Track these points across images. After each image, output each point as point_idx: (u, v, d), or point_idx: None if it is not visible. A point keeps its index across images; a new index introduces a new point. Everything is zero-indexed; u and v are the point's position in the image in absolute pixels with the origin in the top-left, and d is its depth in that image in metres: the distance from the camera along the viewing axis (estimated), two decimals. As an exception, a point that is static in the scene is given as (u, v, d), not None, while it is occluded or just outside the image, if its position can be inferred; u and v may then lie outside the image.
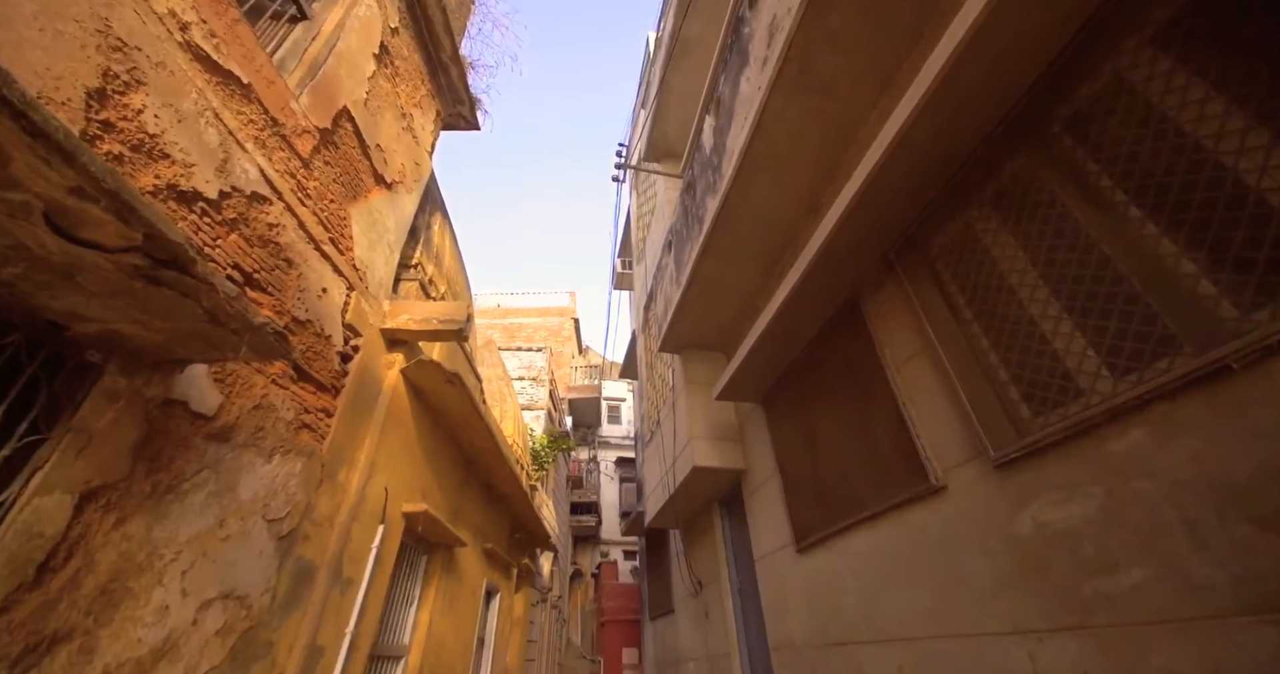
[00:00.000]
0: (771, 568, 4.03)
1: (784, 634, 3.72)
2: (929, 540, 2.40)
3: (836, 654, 3.06)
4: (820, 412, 3.49)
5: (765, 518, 4.25)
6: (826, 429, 3.39)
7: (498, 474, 5.29)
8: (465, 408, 3.79)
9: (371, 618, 2.96)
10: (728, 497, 5.41)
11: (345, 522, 2.71)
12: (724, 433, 4.93)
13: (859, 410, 3.06)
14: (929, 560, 2.39)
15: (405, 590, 3.81)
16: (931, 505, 2.40)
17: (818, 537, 3.36)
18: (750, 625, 4.71)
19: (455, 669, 4.50)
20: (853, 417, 3.12)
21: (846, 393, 3.20)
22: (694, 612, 5.94)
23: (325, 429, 2.64)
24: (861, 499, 2.93)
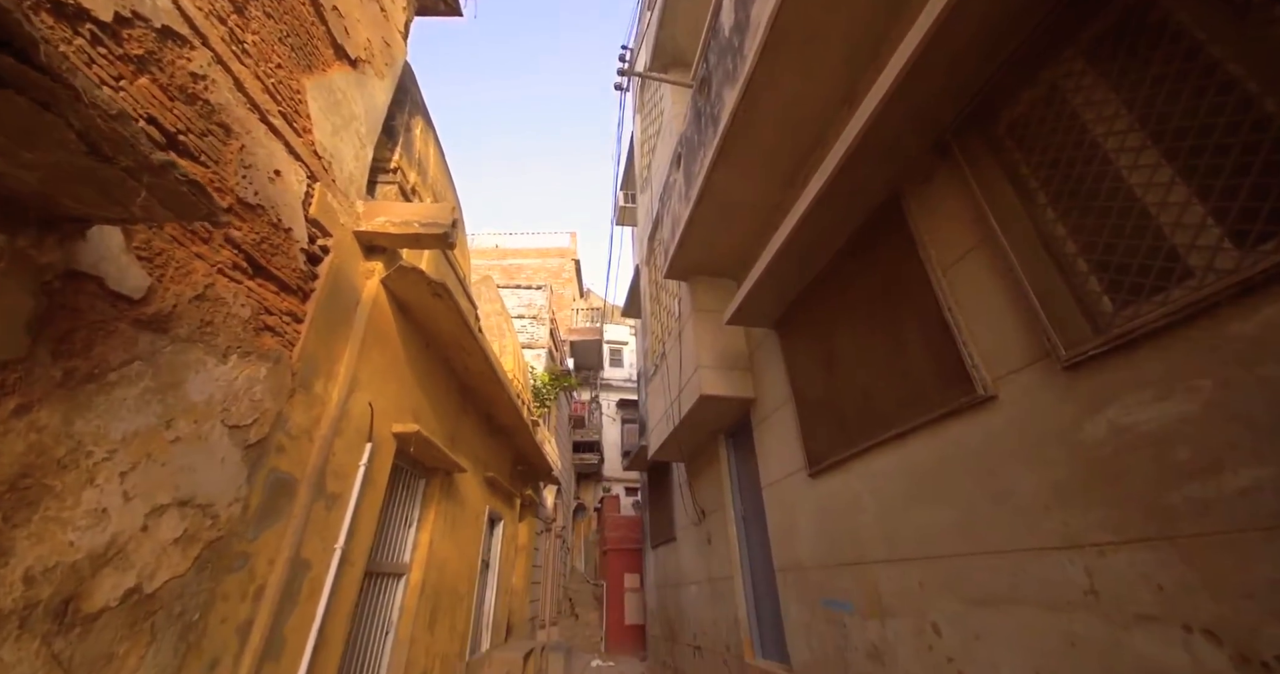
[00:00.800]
0: (780, 494, 3.92)
1: (791, 557, 3.65)
2: (966, 456, 2.18)
3: (847, 574, 2.96)
4: (843, 332, 3.19)
5: (775, 446, 4.08)
6: (849, 350, 3.11)
7: (496, 403, 5.12)
8: (456, 326, 3.50)
9: (364, 535, 2.83)
10: (733, 428, 5.27)
11: (326, 436, 2.49)
12: (733, 362, 4.68)
13: (889, 326, 2.75)
14: (964, 477, 2.18)
15: (404, 512, 3.72)
16: (974, 418, 2.15)
17: (833, 460, 3.17)
18: (754, 550, 4.70)
19: (460, 588, 4.54)
20: (881, 333, 2.82)
21: (875, 308, 2.89)
22: (696, 539, 6.01)
23: (294, 335, 2.35)
24: (886, 419, 2.69)
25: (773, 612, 4.19)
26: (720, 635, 4.99)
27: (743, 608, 4.58)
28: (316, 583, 2.37)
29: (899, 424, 2.58)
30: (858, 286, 3.05)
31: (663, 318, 6.77)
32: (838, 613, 3.04)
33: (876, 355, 2.84)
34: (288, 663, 2.17)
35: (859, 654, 2.82)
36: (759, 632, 4.42)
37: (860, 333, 3.01)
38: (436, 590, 3.97)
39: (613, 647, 10.42)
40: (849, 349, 3.11)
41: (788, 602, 3.65)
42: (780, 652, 3.96)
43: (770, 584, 4.27)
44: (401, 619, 3.51)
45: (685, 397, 5.00)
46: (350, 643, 2.92)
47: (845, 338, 3.16)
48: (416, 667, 3.56)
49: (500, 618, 6.06)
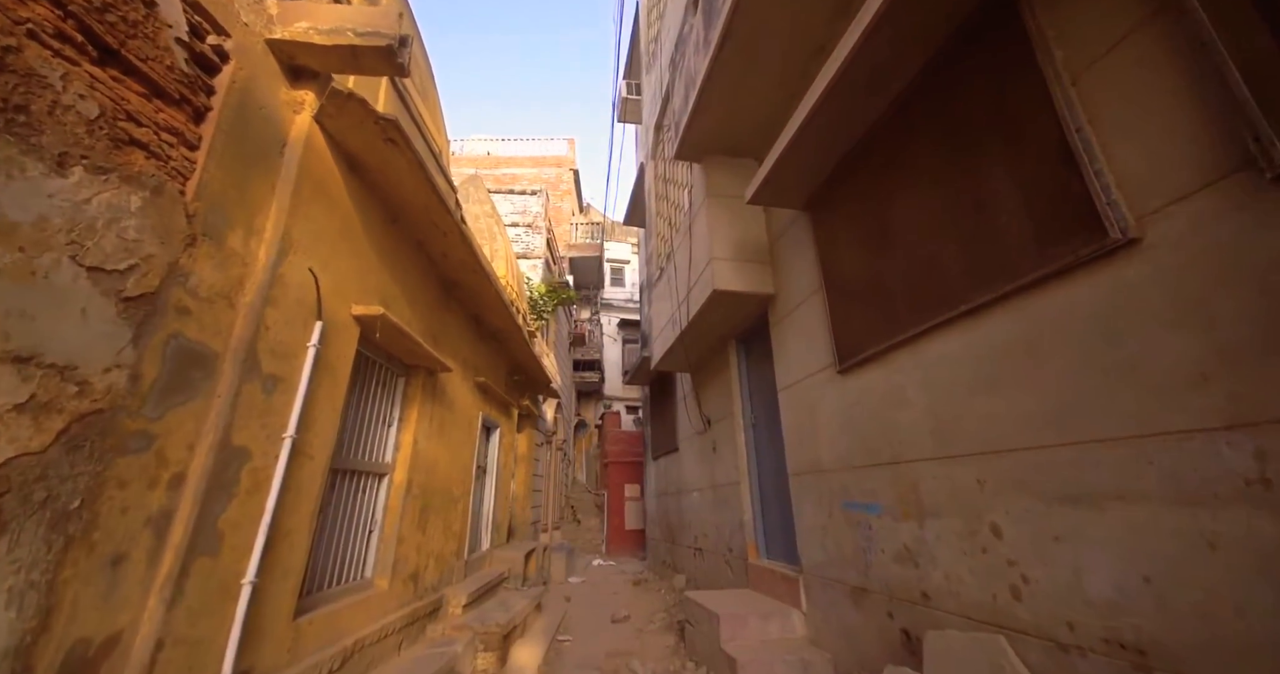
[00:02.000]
0: (799, 396, 3.53)
1: (809, 460, 3.34)
2: (1073, 325, 1.68)
3: (878, 474, 2.61)
4: (900, 197, 2.57)
5: (796, 345, 3.63)
6: (907, 219, 2.51)
7: (485, 301, 4.62)
8: (421, 191, 2.87)
9: (324, 428, 2.44)
10: (745, 332, 4.81)
11: (254, 305, 1.98)
12: (751, 253, 4.09)
13: (969, 179, 2.14)
14: (1065, 352, 1.70)
15: (381, 410, 3.35)
16: (1095, 274, 1.62)
17: (871, 352, 2.71)
18: (762, 456, 4.46)
19: (453, 490, 4.35)
20: (955, 191, 2.22)
21: (949, 160, 2.25)
22: (700, 448, 5.82)
23: (185, 164, 1.76)
24: (952, 296, 2.17)
25: (780, 515, 4.00)
26: (723, 538, 4.92)
27: (748, 512, 4.43)
28: (260, 475, 2.00)
29: (972, 298, 2.06)
30: (926, 136, 2.39)
31: (670, 215, 6.06)
32: (861, 515, 2.75)
33: (946, 220, 2.25)
34: (230, 558, 1.84)
35: (884, 556, 2.55)
36: (764, 534, 4.29)
37: (925, 196, 2.40)
38: (426, 492, 3.73)
39: (613, 549, 10.95)
40: (907, 218, 2.51)
41: (802, 505, 3.40)
42: (787, 553, 3.80)
43: (779, 489, 4.04)
44: (386, 518, 3.27)
45: (695, 295, 4.48)
46: (323, 540, 2.66)
47: (903, 205, 2.55)
48: (407, 564, 3.39)
49: (501, 521, 6.07)
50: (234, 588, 1.87)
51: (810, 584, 3.23)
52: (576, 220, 16.45)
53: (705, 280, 4.16)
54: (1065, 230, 1.72)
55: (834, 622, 2.95)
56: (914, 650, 2.30)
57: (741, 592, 4.04)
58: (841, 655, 2.86)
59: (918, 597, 2.30)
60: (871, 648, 2.60)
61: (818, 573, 3.16)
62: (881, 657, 2.52)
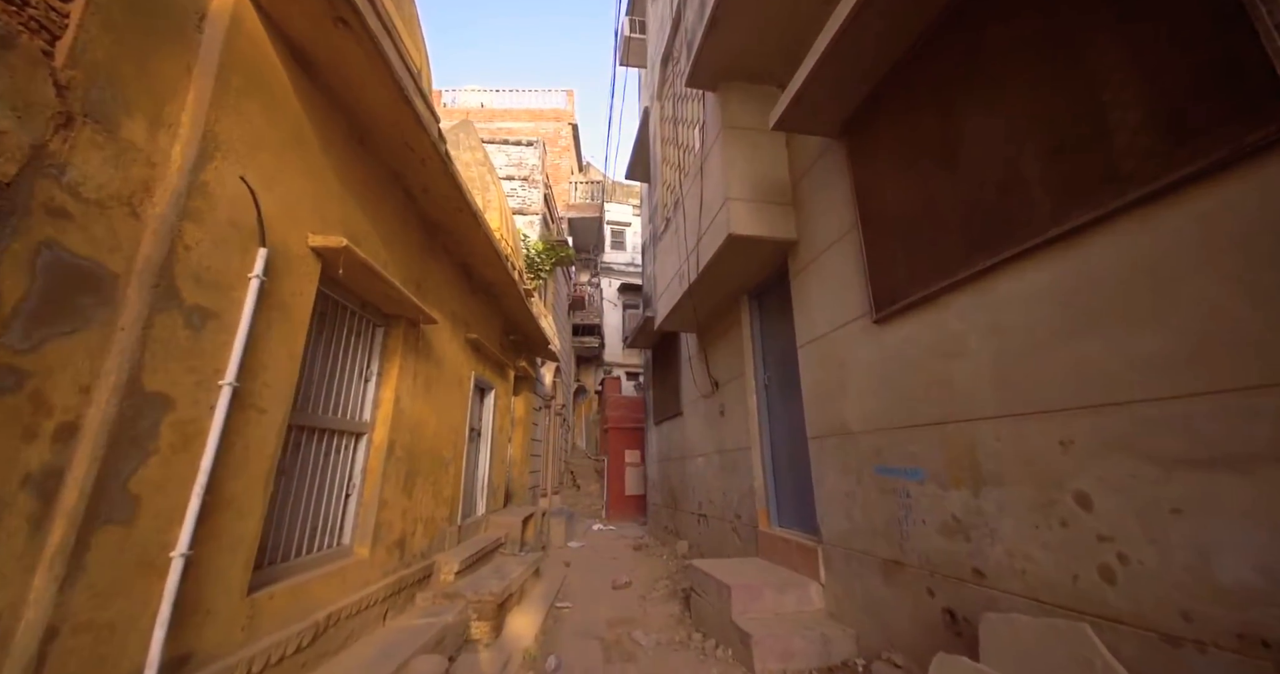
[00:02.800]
0: (823, 352, 3.16)
1: (833, 422, 3.01)
2: (1222, 236, 1.28)
3: (922, 436, 2.28)
4: (971, 101, 2.12)
5: (821, 295, 3.23)
6: (980, 128, 2.07)
7: (474, 248, 4.19)
8: (388, 99, 2.40)
9: (279, 377, 2.07)
10: (759, 287, 4.41)
11: (167, 217, 1.58)
12: (771, 194, 3.64)
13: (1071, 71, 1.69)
14: (1207, 274, 1.31)
15: (356, 363, 2.99)
16: (1267, 164, 1.21)
17: (918, 296, 2.32)
18: (775, 420, 4.14)
19: (443, 453, 4.05)
20: (1054, 82, 1.77)
21: (1044, 49, 1.79)
22: (706, 412, 5.52)
23: (52, 16, 1.31)
24: (1039, 220, 1.77)
25: (795, 482, 3.72)
26: (730, 505, 4.68)
27: (759, 478, 4.15)
28: (190, 428, 1.64)
29: (1067, 220, 1.66)
30: (1014, 24, 1.92)
31: (677, 160, 5.54)
32: (898, 481, 2.43)
33: (1034, 127, 1.81)
34: (151, 527, 1.51)
35: (926, 527, 2.24)
36: (776, 502, 4.02)
37: (1005, 98, 1.95)
38: (411, 454, 3.42)
39: (613, 514, 10.90)
40: (978, 131, 2.07)
41: (823, 471, 3.10)
42: (803, 521, 3.54)
43: (794, 454, 3.74)
44: (366, 481, 2.96)
45: (706, 245, 4.05)
46: (287, 505, 2.34)
47: (973, 114, 2.10)
48: (391, 529, 3.11)
49: (497, 485, 5.84)
50: (159, 561, 1.54)
51: (831, 555, 2.96)
52: (575, 179, 15.72)
53: (718, 225, 3.72)
54: (1220, 116, 1.29)
55: (858, 595, 2.69)
56: (959, 632, 2.02)
57: (751, 561, 3.81)
58: (866, 631, 2.60)
59: (968, 574, 2.00)
60: (904, 626, 2.33)
61: (840, 543, 2.88)
62: (916, 636, 2.25)
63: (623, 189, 19.48)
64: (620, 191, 19.33)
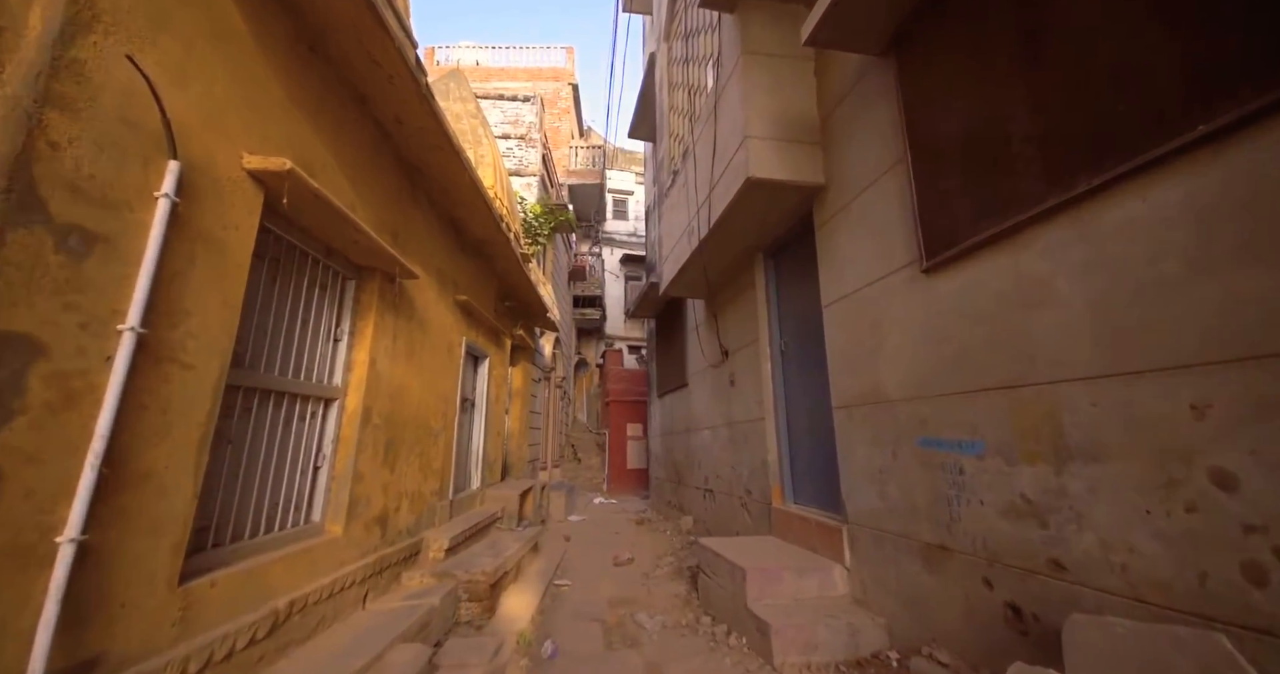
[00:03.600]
0: (855, 309, 2.78)
1: (865, 388, 2.65)
2: None
3: (985, 402, 1.92)
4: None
5: (854, 244, 2.83)
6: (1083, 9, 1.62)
7: (461, 197, 3.76)
8: None
9: (210, 327, 1.70)
10: (776, 243, 4.00)
11: (18, 99, 1.18)
12: (796, 132, 3.18)
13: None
14: None
15: (324, 320, 2.62)
16: None
17: (984, 236, 1.92)
18: (791, 388, 3.80)
19: (431, 423, 3.73)
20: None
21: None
22: (714, 382, 5.18)
23: None
24: (1168, 118, 1.35)
25: (814, 456, 3.40)
26: (740, 480, 4.38)
27: (773, 452, 3.83)
28: (75, 383, 1.28)
29: (1225, 110, 1.24)
30: None
31: (687, 106, 5.03)
32: (948, 455, 2.08)
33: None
34: (20, 507, 1.17)
35: (985, 508, 1.90)
36: (791, 477, 3.72)
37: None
38: (392, 422, 3.09)
39: (614, 488, 10.75)
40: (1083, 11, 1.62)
41: (851, 443, 2.76)
42: (823, 499, 3.23)
43: (814, 425, 3.41)
44: (338, 452, 2.64)
45: (720, 194, 3.61)
46: (236, 479, 2.01)
47: None
48: (369, 504, 2.81)
49: (493, 458, 5.56)
50: (41, 549, 1.21)
51: (858, 536, 2.65)
52: (576, 144, 15.01)
53: (735, 169, 3.28)
54: None
55: (891, 582, 2.39)
56: (1025, 631, 1.71)
57: (764, 539, 3.52)
58: (900, 622, 2.31)
59: (1042, 565, 1.67)
60: (951, 619, 2.03)
61: (870, 524, 2.57)
62: (967, 631, 1.94)
63: (625, 156, 18.71)
64: (622, 158, 18.57)
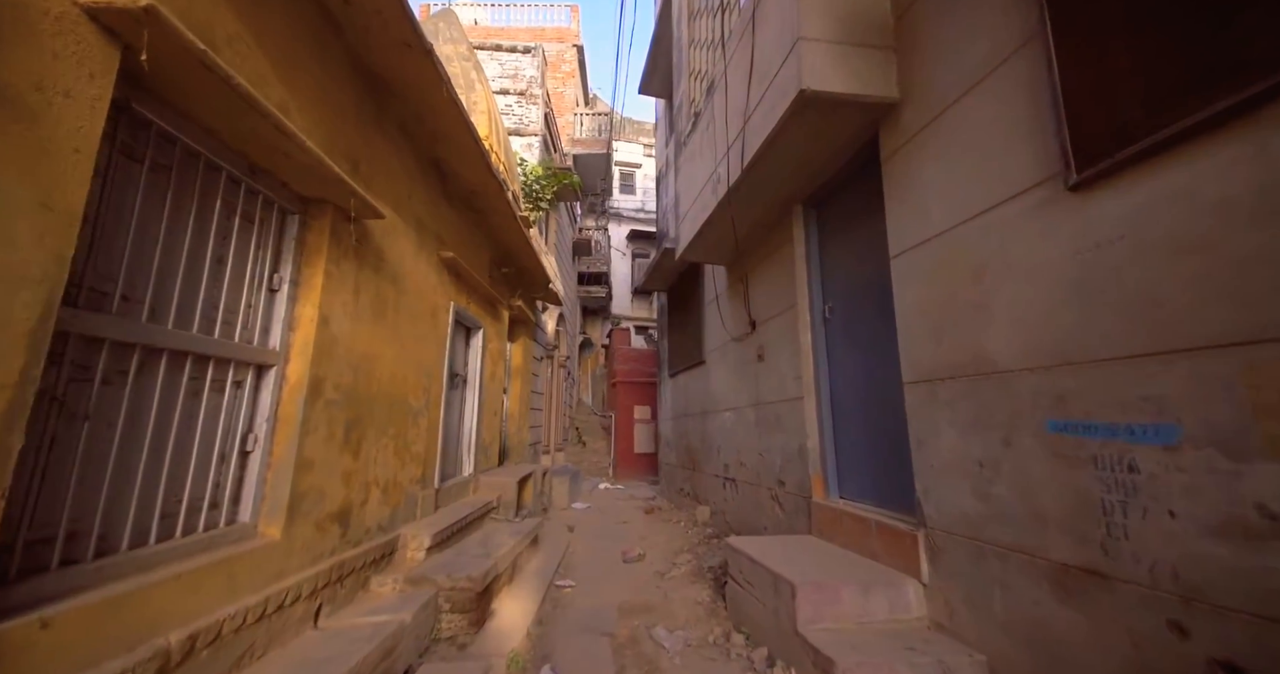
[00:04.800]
0: (943, 256, 2.15)
1: (960, 356, 2.03)
2: None
3: (1187, 369, 1.30)
4: None
5: (944, 172, 2.18)
6: None
7: (442, 129, 3.11)
8: None
9: (14, 234, 1.10)
10: (820, 191, 3.34)
11: None
12: (863, 32, 2.50)
13: None
14: None
15: (255, 264, 2.02)
16: None
17: (1197, 120, 1.27)
18: (838, 361, 3.18)
19: (409, 400, 3.16)
20: None
21: None
22: (737, 358, 4.57)
23: None
24: None
25: (871, 441, 2.81)
26: (769, 469, 3.81)
27: (813, 437, 3.24)
28: None
29: None
30: None
31: (712, 33, 4.31)
32: (1109, 445, 1.47)
33: None
34: None
35: (1182, 523, 1.30)
36: (837, 466, 3.13)
37: None
38: (354, 397, 2.52)
39: (621, 473, 10.27)
40: None
41: (933, 427, 2.16)
42: (883, 494, 2.65)
43: (869, 404, 2.81)
44: (277, 433, 2.06)
45: (758, 123, 2.95)
46: (103, 468, 1.43)
47: None
48: (323, 498, 2.25)
49: (489, 441, 5.02)
50: None
51: (944, 546, 2.07)
52: (581, 111, 14.17)
53: (781, 87, 2.61)
54: None
55: (996, 610, 1.81)
56: (1264, 711, 1.11)
57: (804, 540, 2.96)
58: (1012, 663, 1.74)
59: (1311, 616, 1.07)
60: (1108, 670, 1.44)
61: (963, 531, 1.98)
62: (1137, 694, 1.36)
63: (633, 126, 17.81)
64: (630, 129, 17.67)
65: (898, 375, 2.42)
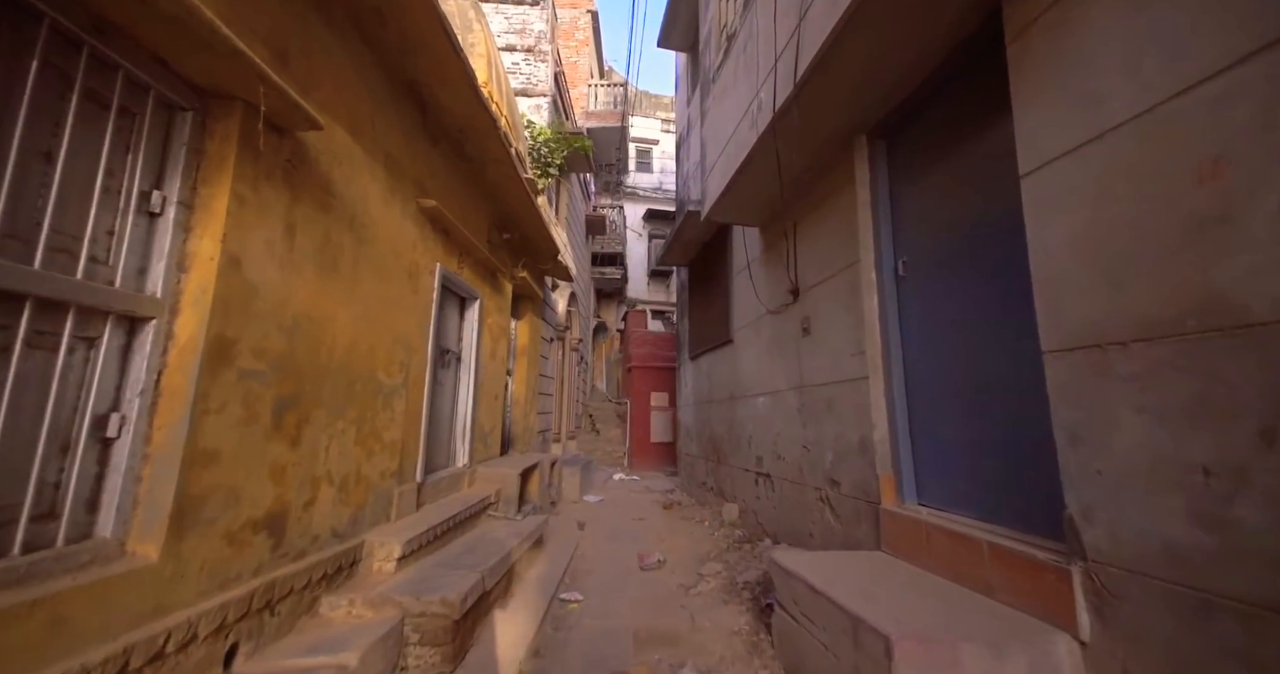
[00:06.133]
0: (1132, 152, 1.43)
1: (1170, 303, 1.34)
2: None
3: None
4: None
5: (1148, 19, 1.45)
6: None
7: (412, 34, 2.46)
8: None
9: None
10: (894, 116, 2.62)
11: None
12: None
13: None
14: None
15: (117, 172, 1.41)
16: None
17: None
18: (914, 330, 2.49)
19: (378, 374, 2.57)
20: None
21: None
22: (774, 333, 3.89)
23: None
24: None
25: (972, 433, 2.12)
26: (817, 465, 3.14)
27: (881, 426, 2.56)
28: None
29: None
30: None
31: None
32: None
33: None
34: None
35: None
36: (913, 464, 2.46)
37: None
38: (291, 369, 1.92)
39: (636, 463, 9.70)
40: None
41: (1100, 415, 1.46)
42: (995, 507, 1.97)
43: (961, 385, 2.12)
44: (159, 410, 1.47)
45: (817, 20, 2.23)
46: None
47: None
48: (244, 500, 1.67)
49: (488, 428, 4.44)
50: None
51: (1126, 592, 1.39)
52: (595, 82, 13.38)
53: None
54: None
55: (1237, 700, 1.13)
56: None
57: (876, 559, 2.30)
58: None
59: None
60: None
61: (1167, 573, 1.29)
62: None
63: (649, 100, 16.93)
64: (646, 103, 16.80)
65: (1024, 342, 1.72)
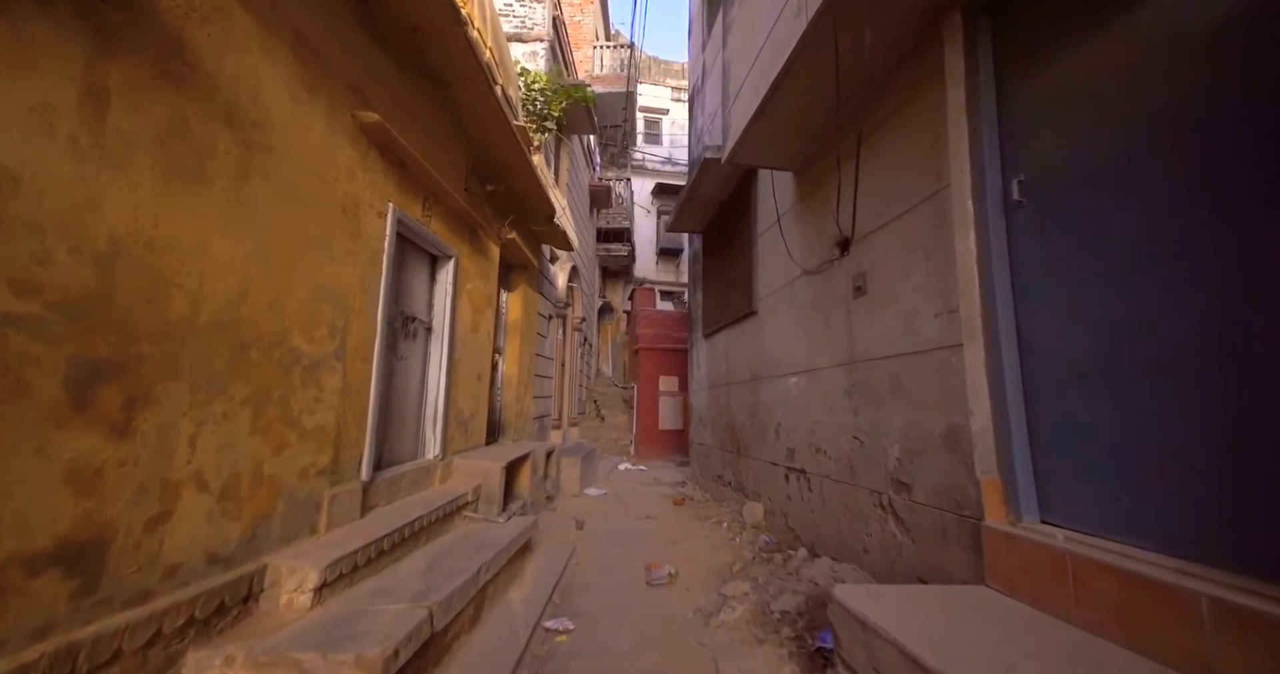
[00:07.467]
0: None
1: None
2: None
3: None
4: None
5: None
6: None
7: None
8: None
9: None
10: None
11: None
12: None
13: None
14: None
15: None
16: None
17: None
18: (1031, 282, 1.75)
19: (292, 339, 1.89)
20: None
21: None
22: (814, 298, 3.16)
23: None
24: None
25: (1155, 429, 1.40)
26: (874, 461, 2.44)
27: (982, 413, 1.85)
28: None
29: None
30: None
31: None
32: None
33: None
34: None
35: None
36: (1031, 466, 1.74)
37: None
38: (104, 317, 1.25)
39: (643, 451, 9.08)
40: None
41: None
42: (1210, 540, 1.26)
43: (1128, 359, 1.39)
44: None
45: None
46: None
47: None
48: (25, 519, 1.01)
49: (469, 412, 3.79)
50: None
51: None
52: (600, 44, 12.46)
53: None
54: None
55: None
56: None
57: (986, 599, 1.61)
58: None
59: None
60: None
61: None
62: None
63: (658, 67, 15.92)
64: (655, 70, 15.80)
65: (1249, 292, 0.99)
